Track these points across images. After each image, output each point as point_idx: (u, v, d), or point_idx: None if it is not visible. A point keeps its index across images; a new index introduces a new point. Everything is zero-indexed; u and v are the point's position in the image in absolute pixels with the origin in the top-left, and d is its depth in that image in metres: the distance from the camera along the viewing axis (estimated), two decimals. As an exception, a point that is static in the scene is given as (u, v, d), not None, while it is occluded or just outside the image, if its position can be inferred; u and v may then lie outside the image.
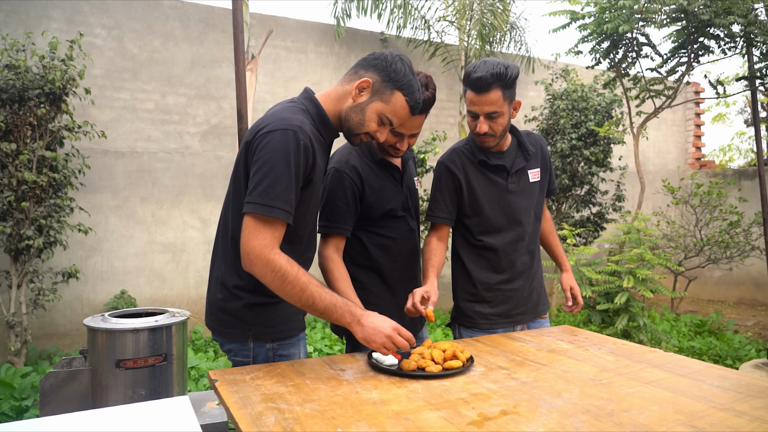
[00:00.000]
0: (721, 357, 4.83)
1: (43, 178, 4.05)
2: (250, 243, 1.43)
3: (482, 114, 1.91)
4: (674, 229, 7.17)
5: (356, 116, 1.60)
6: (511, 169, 2.06)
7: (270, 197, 1.43)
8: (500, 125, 1.94)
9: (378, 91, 1.58)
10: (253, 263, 1.44)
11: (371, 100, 1.59)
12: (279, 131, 1.46)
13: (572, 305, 2.22)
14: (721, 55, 5.47)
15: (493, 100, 1.87)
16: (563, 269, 2.30)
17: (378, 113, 1.60)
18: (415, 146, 5.16)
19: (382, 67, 1.58)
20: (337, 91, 1.63)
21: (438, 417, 1.19)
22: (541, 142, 2.19)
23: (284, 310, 1.66)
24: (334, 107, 1.63)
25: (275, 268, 1.43)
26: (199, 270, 5.49)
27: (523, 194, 2.08)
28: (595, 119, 6.16)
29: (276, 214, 1.43)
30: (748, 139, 13.96)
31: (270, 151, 1.45)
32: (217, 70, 5.55)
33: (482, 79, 1.84)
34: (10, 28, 4.66)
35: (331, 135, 1.66)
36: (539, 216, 2.17)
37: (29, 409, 3.46)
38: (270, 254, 1.43)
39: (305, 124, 1.51)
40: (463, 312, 2.11)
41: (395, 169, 2.04)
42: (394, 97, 1.59)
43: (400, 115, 1.62)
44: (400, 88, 1.58)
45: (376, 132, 1.62)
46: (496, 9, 6.29)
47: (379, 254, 2.00)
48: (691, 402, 1.28)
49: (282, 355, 1.67)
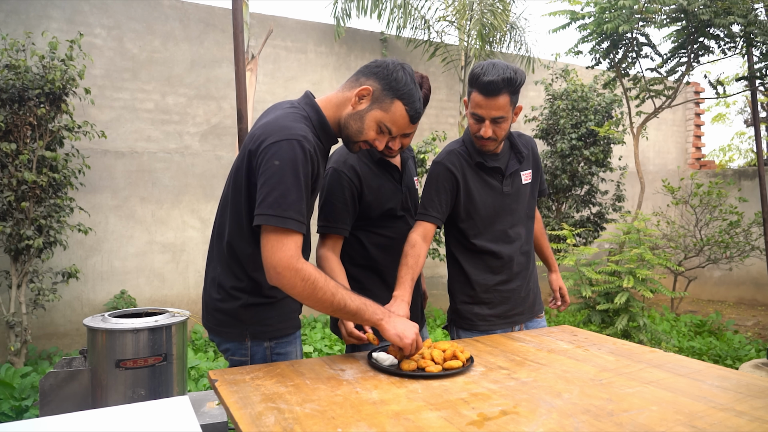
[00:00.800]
0: (721, 357, 4.83)
1: (43, 178, 4.05)
2: (276, 256, 1.41)
3: (488, 118, 1.88)
4: (674, 229, 7.17)
5: (355, 124, 1.59)
6: (506, 172, 2.06)
7: (282, 207, 1.42)
8: (503, 130, 1.93)
9: (378, 99, 1.58)
10: (282, 275, 1.41)
11: (371, 108, 1.58)
12: (285, 141, 1.45)
13: (560, 303, 2.32)
14: (721, 55, 5.47)
15: (501, 105, 1.85)
16: (552, 270, 2.39)
17: (377, 122, 1.59)
18: (415, 146, 5.16)
19: (383, 75, 1.57)
20: (338, 97, 1.63)
21: (438, 417, 1.19)
22: (532, 143, 2.20)
23: (281, 309, 1.66)
24: (333, 113, 1.62)
25: (305, 277, 1.41)
26: (199, 270, 5.49)
27: (517, 196, 2.09)
28: (595, 119, 6.16)
29: (290, 225, 1.42)
30: (748, 139, 13.96)
31: (279, 161, 1.44)
32: (217, 70, 5.55)
33: (494, 83, 1.81)
34: (10, 28, 4.67)
35: (330, 141, 1.65)
36: (531, 217, 2.19)
37: (29, 409, 3.46)
38: (298, 264, 1.41)
39: (308, 133, 1.50)
40: (461, 314, 2.10)
41: (394, 169, 2.04)
42: (394, 106, 1.58)
43: (399, 124, 1.61)
44: (401, 97, 1.58)
45: (375, 140, 1.62)
46: (496, 9, 6.29)
47: (379, 254, 2.00)
48: (691, 402, 1.28)
49: (279, 354, 1.67)
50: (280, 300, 1.65)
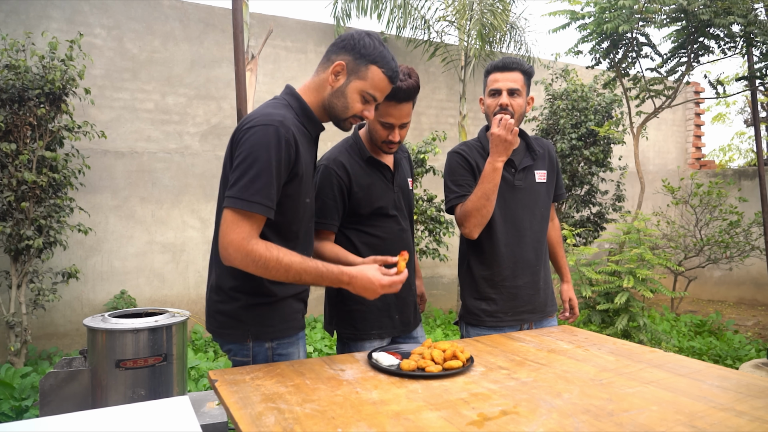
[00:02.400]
0: (721, 357, 4.83)
1: (42, 178, 4.05)
2: (228, 237, 1.45)
3: (505, 89, 2.04)
4: (674, 229, 7.17)
5: (339, 101, 1.61)
6: (518, 166, 2.10)
7: (249, 192, 1.44)
8: (519, 106, 2.06)
9: (353, 70, 1.59)
10: (232, 256, 1.45)
11: (349, 81, 1.60)
12: (260, 126, 1.48)
13: (569, 315, 2.33)
14: (721, 55, 5.47)
15: (516, 78, 2.06)
16: (564, 280, 2.39)
17: (359, 92, 1.60)
18: (415, 146, 5.16)
19: (351, 46, 1.59)
20: (315, 81, 1.64)
21: (438, 417, 1.19)
22: (549, 146, 2.25)
23: (282, 310, 1.66)
24: (315, 98, 1.64)
25: (255, 258, 1.44)
26: (199, 270, 5.49)
27: (528, 192, 2.12)
28: (595, 119, 6.16)
29: (255, 208, 1.44)
30: (748, 139, 13.95)
31: (251, 146, 1.47)
32: (217, 70, 5.55)
33: (509, 59, 2.07)
34: (10, 28, 4.66)
35: (315, 127, 1.67)
36: (546, 217, 2.19)
37: (29, 409, 3.46)
38: (248, 245, 1.44)
39: (287, 119, 1.52)
40: (469, 310, 2.13)
41: (385, 168, 2.04)
42: (370, 71, 1.59)
43: (380, 87, 1.62)
44: (374, 61, 1.59)
45: (363, 111, 1.63)
46: (496, 9, 6.29)
47: (369, 253, 2.00)
48: (691, 402, 1.28)
49: (281, 355, 1.67)
50: (280, 300, 1.65)
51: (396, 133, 1.94)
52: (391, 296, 1.98)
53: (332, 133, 3.71)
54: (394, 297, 1.98)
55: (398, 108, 1.87)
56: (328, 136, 4.41)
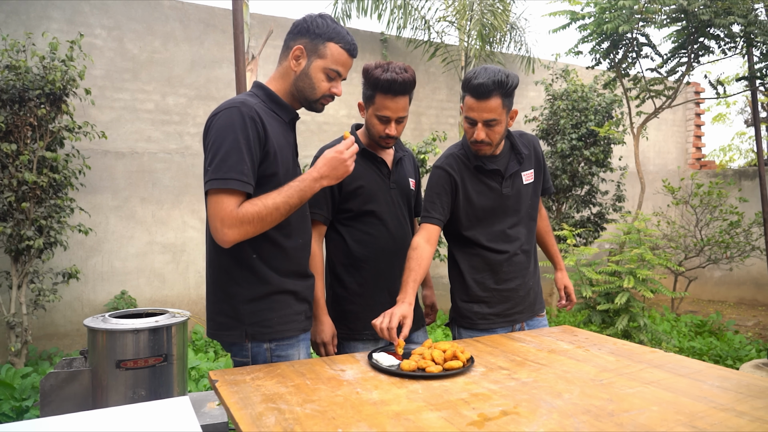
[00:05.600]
0: (722, 357, 4.83)
1: (43, 178, 4.05)
2: (216, 219, 1.47)
3: (480, 121, 1.89)
4: (674, 229, 7.17)
5: (304, 83, 1.66)
6: (505, 173, 2.05)
7: (222, 170, 1.47)
8: (497, 133, 1.93)
9: (312, 51, 1.64)
10: (228, 233, 1.47)
11: (310, 62, 1.65)
12: (223, 111, 1.54)
13: (566, 302, 2.30)
14: (721, 55, 5.48)
15: (492, 107, 1.86)
16: (558, 268, 2.36)
17: (322, 70, 1.65)
18: (416, 146, 5.16)
19: (305, 29, 1.64)
20: (279, 71, 1.70)
21: (438, 417, 1.19)
22: (534, 141, 2.19)
23: (281, 311, 1.65)
24: (282, 85, 1.69)
25: (249, 219, 1.48)
26: (200, 270, 5.50)
27: (517, 197, 2.09)
28: (595, 119, 6.16)
29: (231, 184, 1.47)
30: (748, 139, 13.95)
31: (216, 130, 1.52)
32: (217, 70, 5.56)
33: (483, 85, 1.82)
34: (10, 28, 4.67)
35: (286, 112, 1.70)
36: (534, 217, 2.18)
37: (29, 409, 3.46)
38: (237, 215, 1.47)
39: (248, 101, 1.57)
40: (461, 313, 2.11)
41: (381, 163, 2.04)
42: (329, 48, 1.64)
43: (341, 61, 1.66)
44: (330, 38, 1.64)
45: (331, 88, 1.68)
46: (496, 9, 6.29)
47: (360, 250, 2.00)
48: (691, 402, 1.28)
49: (280, 356, 1.66)
50: (279, 302, 1.65)
51: (392, 127, 1.94)
52: (386, 298, 1.98)
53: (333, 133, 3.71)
54: (389, 298, 1.97)
55: (394, 101, 1.89)
56: (329, 137, 4.41)
